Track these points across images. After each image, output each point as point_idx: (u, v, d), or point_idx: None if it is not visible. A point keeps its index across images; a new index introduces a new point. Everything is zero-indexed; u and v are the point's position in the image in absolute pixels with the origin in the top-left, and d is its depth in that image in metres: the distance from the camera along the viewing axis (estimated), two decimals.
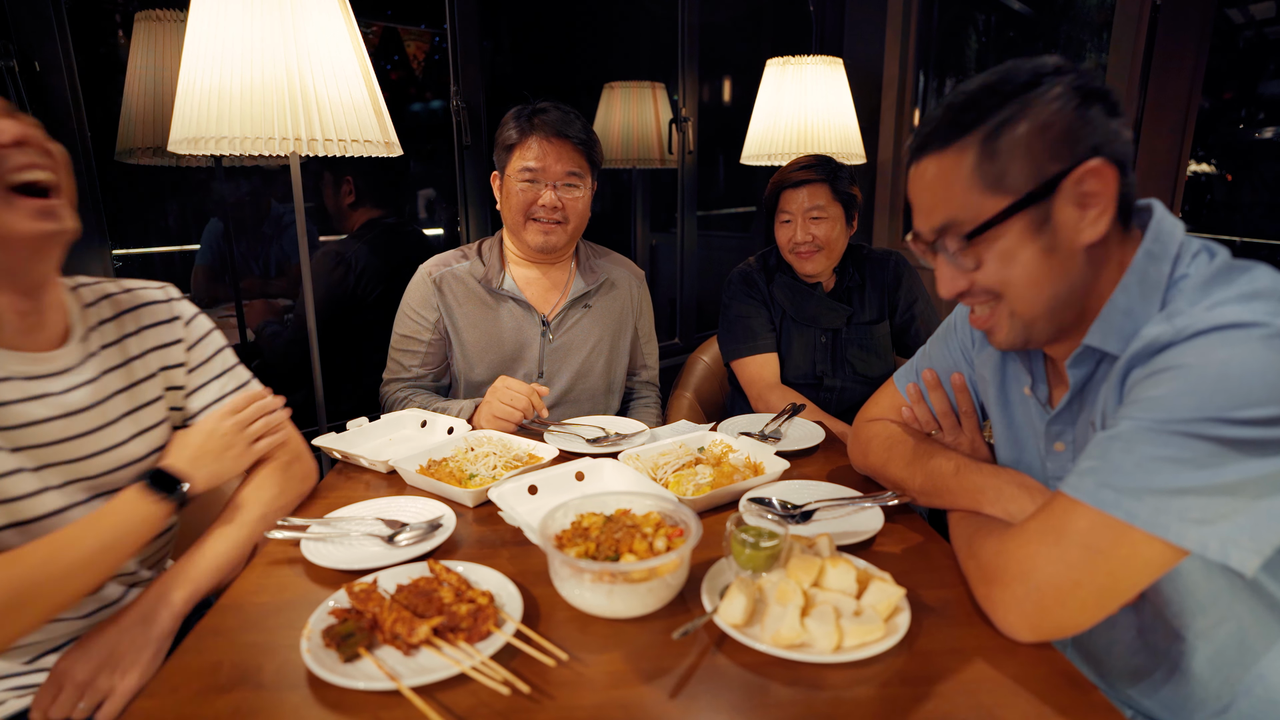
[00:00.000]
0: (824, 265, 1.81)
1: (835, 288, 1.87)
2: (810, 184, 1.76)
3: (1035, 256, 0.82)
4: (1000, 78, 0.82)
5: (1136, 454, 0.72)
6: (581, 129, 1.58)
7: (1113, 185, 0.78)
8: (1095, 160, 0.78)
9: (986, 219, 0.82)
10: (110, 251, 1.65)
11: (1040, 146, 0.79)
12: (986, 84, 0.82)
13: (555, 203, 1.57)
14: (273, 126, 1.37)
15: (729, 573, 0.90)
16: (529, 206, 1.58)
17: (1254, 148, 2.39)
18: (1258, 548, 0.69)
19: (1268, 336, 0.69)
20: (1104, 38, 2.55)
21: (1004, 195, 0.81)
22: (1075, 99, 0.79)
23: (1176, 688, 0.88)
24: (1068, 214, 0.80)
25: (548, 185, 1.56)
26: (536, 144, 1.55)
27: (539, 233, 1.59)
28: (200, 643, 0.81)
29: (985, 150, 0.81)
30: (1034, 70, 0.80)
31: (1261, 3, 2.26)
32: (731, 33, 3.21)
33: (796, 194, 1.77)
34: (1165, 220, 0.84)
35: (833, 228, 1.76)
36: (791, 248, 1.79)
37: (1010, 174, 0.80)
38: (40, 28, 1.51)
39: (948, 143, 0.83)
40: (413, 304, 1.65)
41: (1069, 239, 0.81)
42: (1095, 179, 0.78)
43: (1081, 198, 0.79)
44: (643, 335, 1.85)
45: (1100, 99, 0.79)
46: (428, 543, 1.00)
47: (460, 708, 0.71)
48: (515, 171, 1.57)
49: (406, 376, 1.66)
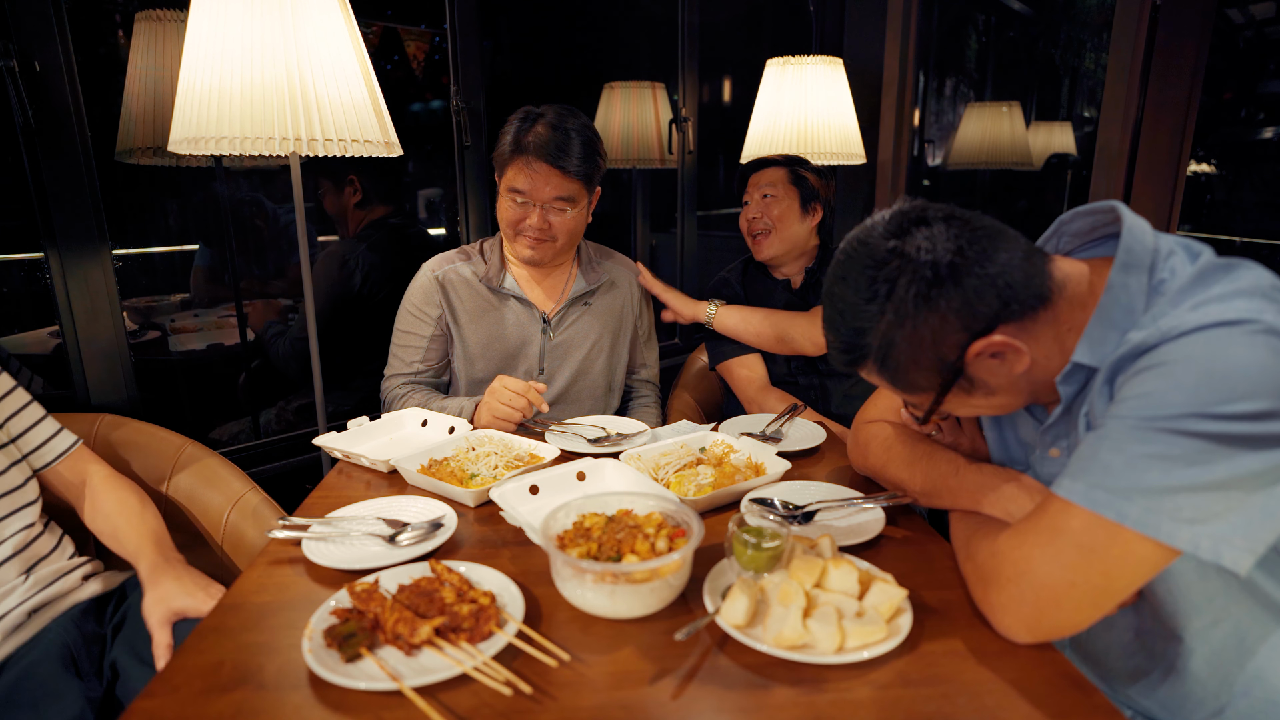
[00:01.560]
0: (778, 249, 1.83)
1: (802, 285, 1.88)
2: (769, 167, 1.86)
3: (988, 399, 0.89)
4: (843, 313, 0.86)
5: (1126, 453, 0.72)
6: (578, 153, 1.52)
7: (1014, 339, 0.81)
8: (978, 343, 0.81)
9: (928, 406, 0.90)
10: (110, 251, 1.65)
11: (925, 358, 0.84)
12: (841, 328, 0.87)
13: (542, 224, 1.56)
14: (273, 126, 1.36)
15: (731, 573, 0.90)
16: (517, 223, 1.58)
17: (1254, 148, 2.39)
18: (1250, 546, 0.69)
19: (1254, 332, 0.69)
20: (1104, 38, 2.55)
21: (927, 392, 0.89)
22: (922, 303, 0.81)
23: (1174, 688, 0.88)
24: (992, 368, 0.84)
25: (535, 206, 1.56)
26: (525, 168, 1.52)
27: (526, 247, 1.61)
28: (201, 642, 0.81)
29: (887, 375, 0.89)
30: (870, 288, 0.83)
31: (1261, 3, 2.26)
32: (731, 33, 3.21)
33: (757, 177, 1.86)
34: (1134, 229, 0.83)
35: (784, 209, 1.81)
36: (747, 228, 1.86)
37: (920, 379, 0.87)
38: (40, 28, 1.50)
39: (854, 371, 0.92)
40: (416, 300, 1.65)
41: (1006, 376, 0.85)
42: (992, 347, 0.81)
43: (994, 358, 0.83)
44: (642, 334, 1.86)
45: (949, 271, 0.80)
46: (429, 543, 1.00)
47: (462, 708, 0.71)
48: (505, 188, 1.58)
49: (407, 372, 1.67)
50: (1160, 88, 2.21)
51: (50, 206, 1.56)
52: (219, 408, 2.17)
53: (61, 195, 1.57)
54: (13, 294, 1.85)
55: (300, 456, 2.06)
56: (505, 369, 1.67)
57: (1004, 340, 0.81)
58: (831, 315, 0.89)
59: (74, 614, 1.16)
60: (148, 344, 1.99)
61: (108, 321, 1.67)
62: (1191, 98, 2.20)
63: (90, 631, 1.15)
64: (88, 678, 1.09)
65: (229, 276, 2.12)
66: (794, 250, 1.86)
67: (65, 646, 1.10)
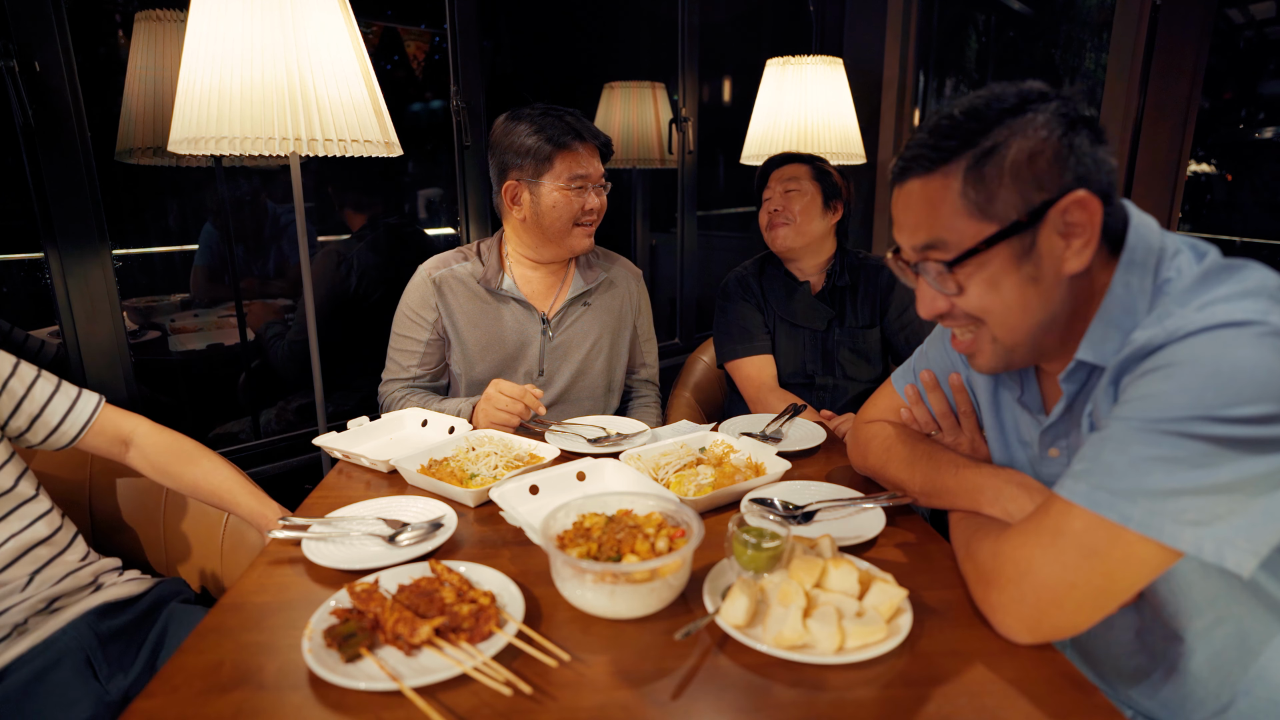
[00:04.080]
0: (794, 241, 1.82)
1: (823, 289, 1.88)
2: (792, 162, 1.86)
3: (1018, 284, 0.82)
4: (985, 102, 0.81)
5: (1130, 454, 0.72)
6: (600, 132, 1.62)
7: (1097, 216, 0.78)
8: (1081, 191, 0.77)
9: (971, 246, 0.81)
10: (110, 251, 1.65)
11: (1027, 175, 0.79)
12: (971, 108, 0.81)
13: (600, 205, 1.61)
14: (273, 126, 1.36)
15: (731, 573, 0.90)
16: (580, 213, 1.58)
17: (1254, 148, 2.39)
18: (1254, 548, 0.69)
19: (1261, 334, 0.68)
20: (1104, 38, 2.55)
21: (989, 222, 0.81)
22: (1061, 126, 0.78)
23: (1176, 688, 0.88)
24: (1052, 243, 0.80)
25: (591, 189, 1.59)
26: (584, 150, 1.56)
27: (584, 236, 1.62)
28: (201, 642, 0.81)
29: (971, 176, 0.80)
30: (1020, 95, 0.80)
31: (1261, 3, 2.26)
32: (731, 33, 3.21)
33: (779, 171, 1.86)
34: (1141, 225, 0.83)
35: (806, 203, 1.81)
36: (767, 221, 1.85)
37: (997, 201, 0.80)
38: (40, 28, 1.50)
39: (933, 167, 0.82)
40: (412, 304, 1.65)
41: (1053, 268, 0.81)
42: (1080, 210, 0.78)
43: (1066, 228, 0.79)
44: (642, 334, 1.86)
45: (1086, 126, 0.79)
46: (429, 543, 1.00)
47: (462, 708, 0.71)
48: (564, 180, 1.55)
49: (405, 376, 1.66)
50: (1160, 88, 2.21)
51: (50, 206, 1.56)
52: (219, 408, 2.17)
53: (61, 195, 1.57)
54: (13, 294, 1.85)
55: (300, 456, 2.06)
56: (505, 370, 1.66)
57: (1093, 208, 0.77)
58: (939, 115, 0.83)
59: (90, 617, 1.14)
60: (148, 344, 1.99)
61: (108, 321, 1.67)
62: (1191, 98, 2.20)
63: (108, 631, 1.13)
64: (111, 679, 1.09)
65: (229, 277, 2.12)
66: (811, 245, 1.85)
67: (81, 650, 1.09)
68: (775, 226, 1.83)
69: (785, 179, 1.83)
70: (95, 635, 1.12)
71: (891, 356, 1.92)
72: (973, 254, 0.81)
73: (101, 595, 1.18)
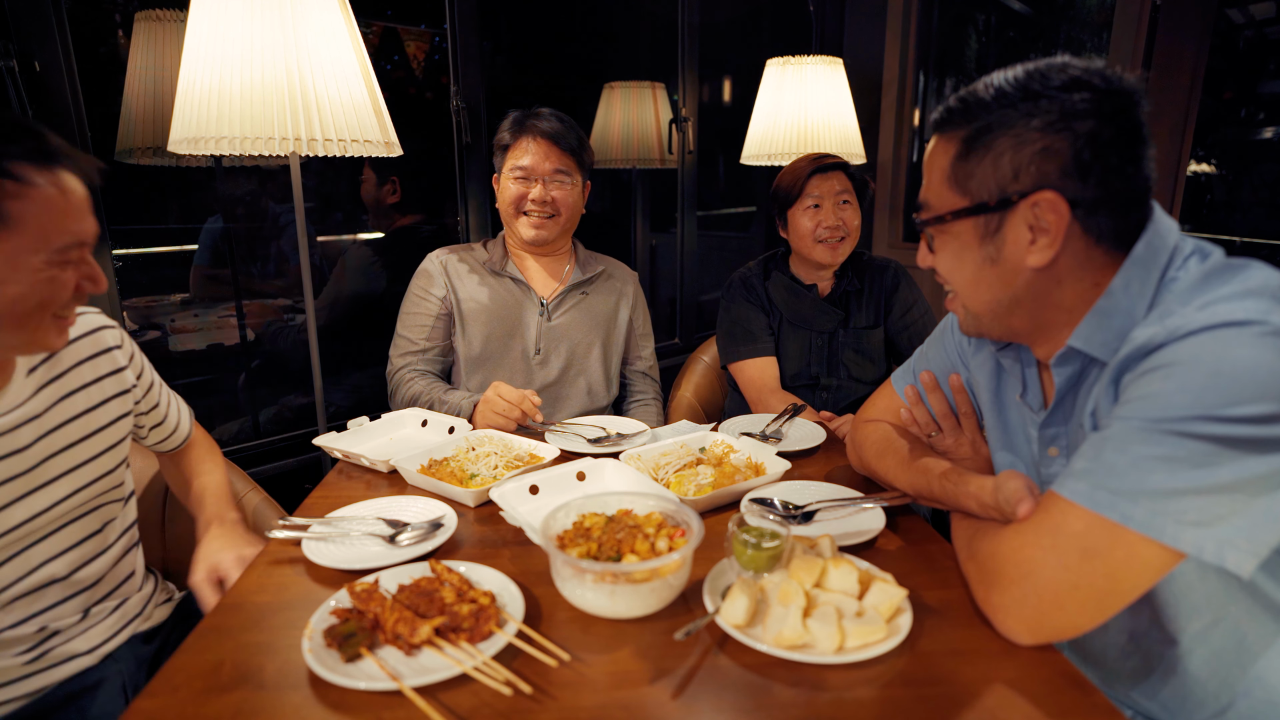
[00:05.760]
0: (846, 255, 1.80)
1: (831, 292, 1.87)
2: (838, 170, 1.78)
3: (977, 262, 0.86)
4: (1031, 75, 0.80)
5: (1130, 454, 0.72)
6: (575, 138, 1.68)
7: (1064, 220, 0.78)
8: (1049, 192, 0.78)
9: (941, 212, 0.87)
10: (110, 252, 1.65)
11: (1007, 163, 0.80)
12: (1015, 79, 0.81)
13: (544, 197, 1.67)
14: (273, 126, 1.36)
15: (731, 573, 0.90)
16: (519, 201, 1.68)
17: (1254, 148, 2.39)
18: (1254, 549, 0.68)
19: (1262, 334, 0.68)
20: (1104, 38, 2.55)
21: (962, 197, 0.84)
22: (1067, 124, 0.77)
23: (1174, 690, 0.88)
24: (1019, 234, 0.82)
25: (538, 181, 1.66)
26: (529, 144, 1.65)
27: (530, 226, 1.69)
28: (201, 642, 0.81)
29: (963, 148, 0.83)
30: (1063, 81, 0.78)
31: (1261, 3, 2.26)
32: (731, 33, 3.21)
33: (827, 179, 1.76)
34: (1160, 225, 0.82)
35: (857, 215, 1.79)
36: (819, 234, 1.75)
37: (974, 179, 0.83)
38: (40, 28, 1.50)
39: (944, 129, 0.86)
40: (421, 282, 1.75)
41: (1014, 256, 0.83)
42: (1049, 211, 0.79)
43: (1035, 223, 0.80)
44: (638, 328, 1.90)
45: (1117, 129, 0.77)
46: (429, 542, 1.00)
47: (462, 708, 0.71)
48: (508, 170, 1.67)
49: (413, 350, 1.72)
50: (1160, 88, 2.21)
51: None
52: (219, 408, 2.17)
53: None
54: None
55: (300, 456, 2.06)
56: (503, 345, 1.72)
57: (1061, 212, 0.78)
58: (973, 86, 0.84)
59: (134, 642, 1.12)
60: (148, 344, 1.99)
61: None
62: (1191, 98, 2.20)
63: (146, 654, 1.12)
64: None
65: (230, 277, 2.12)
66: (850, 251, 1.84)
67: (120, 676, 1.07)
68: (836, 241, 1.76)
69: (837, 192, 1.76)
70: (135, 657, 1.11)
71: (894, 357, 1.92)
72: (940, 220, 0.87)
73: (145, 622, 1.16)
